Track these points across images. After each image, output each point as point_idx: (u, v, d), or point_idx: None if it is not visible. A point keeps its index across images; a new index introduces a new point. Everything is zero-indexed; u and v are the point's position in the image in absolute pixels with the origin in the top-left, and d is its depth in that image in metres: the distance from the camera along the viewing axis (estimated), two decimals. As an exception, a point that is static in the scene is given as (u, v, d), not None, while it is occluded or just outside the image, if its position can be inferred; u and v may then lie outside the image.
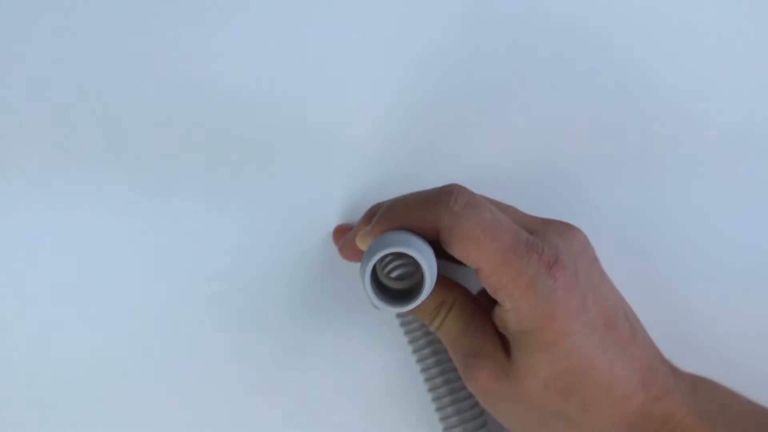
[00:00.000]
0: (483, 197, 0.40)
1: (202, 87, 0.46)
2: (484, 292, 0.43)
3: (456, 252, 0.39)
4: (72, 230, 0.46)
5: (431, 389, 0.45)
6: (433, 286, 0.38)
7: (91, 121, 0.45)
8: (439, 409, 0.44)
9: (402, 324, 0.45)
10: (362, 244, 0.41)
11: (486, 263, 0.38)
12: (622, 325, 0.41)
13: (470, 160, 0.47)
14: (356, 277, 0.46)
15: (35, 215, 0.45)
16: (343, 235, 0.46)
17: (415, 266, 0.40)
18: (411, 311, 0.43)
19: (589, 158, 0.47)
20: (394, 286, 0.40)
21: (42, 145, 0.45)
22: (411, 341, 0.45)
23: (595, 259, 0.41)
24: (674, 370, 0.42)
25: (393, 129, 0.47)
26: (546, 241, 0.39)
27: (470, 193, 0.39)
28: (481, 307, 0.42)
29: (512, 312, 0.39)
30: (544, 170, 0.47)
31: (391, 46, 0.47)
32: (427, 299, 0.42)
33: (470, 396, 0.45)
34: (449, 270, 0.44)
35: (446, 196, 0.39)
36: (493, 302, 0.41)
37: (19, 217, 0.45)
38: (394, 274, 0.40)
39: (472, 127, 0.47)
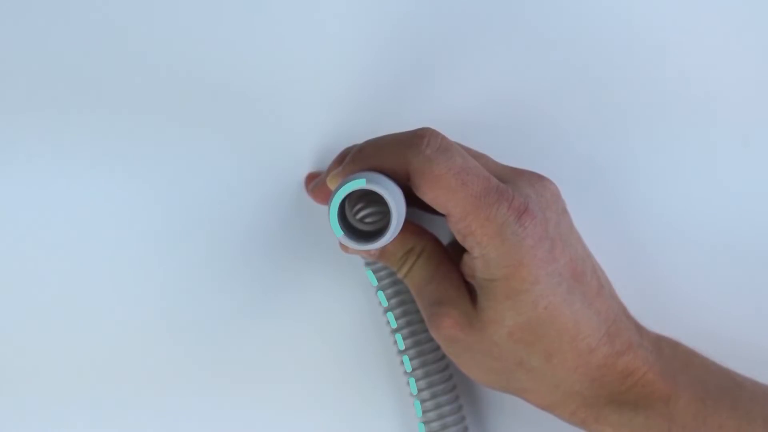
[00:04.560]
0: (456, 143, 0.40)
1: (180, 39, 0.46)
2: (453, 243, 0.43)
3: (426, 196, 0.38)
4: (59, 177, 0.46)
5: (397, 340, 0.44)
6: (400, 225, 0.38)
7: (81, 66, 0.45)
8: (404, 360, 0.44)
9: (370, 272, 0.45)
10: (333, 185, 0.41)
11: (455, 208, 0.38)
12: (589, 277, 0.41)
13: (444, 110, 0.47)
14: (326, 226, 0.45)
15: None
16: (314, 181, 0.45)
17: (384, 209, 0.39)
18: (380, 258, 0.43)
19: (564, 109, 0.47)
20: (363, 229, 0.40)
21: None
22: (378, 290, 0.45)
23: (565, 211, 0.41)
24: (639, 327, 0.42)
25: (367, 76, 0.46)
26: (516, 189, 0.39)
27: (443, 138, 0.39)
28: (450, 256, 0.42)
29: (480, 259, 0.39)
30: (517, 120, 0.47)
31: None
32: (396, 246, 0.42)
33: (436, 348, 0.44)
34: (420, 219, 0.44)
35: (418, 139, 0.39)
36: (461, 253, 0.41)
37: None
38: (361, 215, 0.40)
39: (446, 76, 0.47)
